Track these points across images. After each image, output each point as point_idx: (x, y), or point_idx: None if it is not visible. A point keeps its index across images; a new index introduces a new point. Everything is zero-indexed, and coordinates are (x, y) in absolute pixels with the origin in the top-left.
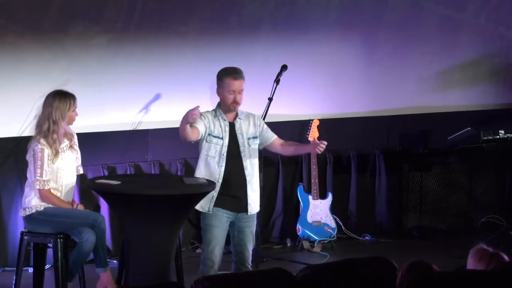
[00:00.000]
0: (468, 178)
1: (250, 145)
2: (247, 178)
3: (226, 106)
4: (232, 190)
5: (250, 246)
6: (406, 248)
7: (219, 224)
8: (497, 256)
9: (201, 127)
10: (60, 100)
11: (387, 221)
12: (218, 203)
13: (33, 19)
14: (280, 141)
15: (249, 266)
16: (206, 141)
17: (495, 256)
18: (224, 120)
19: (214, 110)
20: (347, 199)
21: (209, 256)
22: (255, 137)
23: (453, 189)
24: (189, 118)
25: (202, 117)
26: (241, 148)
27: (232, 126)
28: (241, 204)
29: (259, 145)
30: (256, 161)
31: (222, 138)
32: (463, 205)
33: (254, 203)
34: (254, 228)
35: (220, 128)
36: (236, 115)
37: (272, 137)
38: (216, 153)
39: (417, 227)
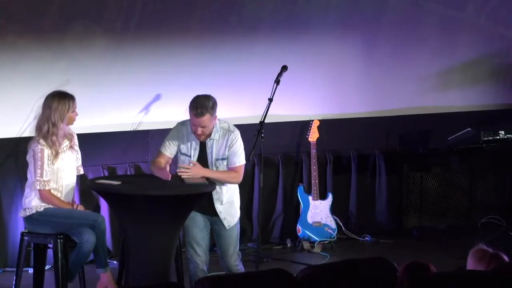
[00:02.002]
0: (468, 179)
1: (218, 167)
2: (214, 196)
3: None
4: (201, 207)
5: (229, 252)
6: (406, 249)
7: (194, 225)
8: (497, 257)
9: (168, 152)
10: (59, 101)
11: (387, 221)
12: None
13: (33, 19)
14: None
15: (235, 270)
16: (177, 158)
17: (495, 256)
18: (195, 139)
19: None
20: (347, 200)
21: (193, 258)
22: (224, 159)
23: (453, 189)
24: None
25: (176, 132)
26: (209, 164)
27: (203, 145)
28: (211, 211)
29: None
30: None
31: (190, 156)
32: (463, 205)
33: (230, 216)
34: (234, 233)
35: (190, 146)
36: (210, 134)
37: (231, 165)
38: None
39: (417, 228)
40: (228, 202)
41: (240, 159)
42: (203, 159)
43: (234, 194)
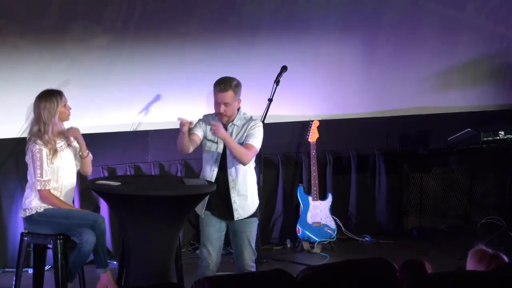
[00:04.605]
0: (468, 179)
1: None
2: (230, 184)
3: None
4: (219, 195)
5: (246, 251)
6: (406, 249)
7: (210, 224)
8: (497, 257)
9: (199, 131)
10: (46, 100)
11: (387, 221)
12: (209, 207)
13: (33, 20)
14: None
15: (250, 270)
16: (203, 144)
17: (494, 257)
18: (220, 124)
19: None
20: (347, 200)
21: (204, 256)
22: (240, 144)
23: (453, 189)
24: (181, 128)
25: (200, 121)
26: (227, 153)
27: (225, 130)
28: (226, 212)
29: None
30: (242, 167)
31: (216, 142)
32: (463, 205)
33: (241, 209)
34: (251, 234)
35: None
36: (233, 118)
37: (246, 141)
38: (210, 156)
39: (417, 228)
40: (244, 195)
41: (255, 140)
42: (223, 144)
43: (250, 190)
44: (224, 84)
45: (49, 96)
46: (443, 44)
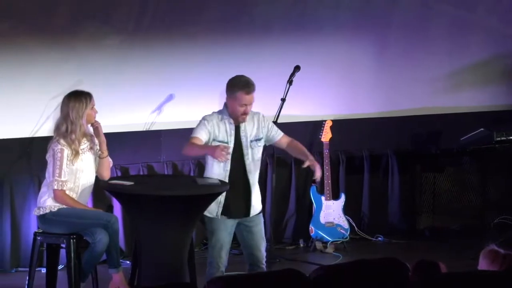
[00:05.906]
0: (481, 179)
1: (253, 148)
2: (250, 181)
3: (234, 115)
4: (236, 194)
5: (261, 246)
6: (419, 249)
7: (224, 227)
8: (509, 257)
9: (204, 137)
10: (75, 100)
11: (400, 221)
12: (224, 211)
13: (44, 20)
14: (287, 139)
15: (264, 266)
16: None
17: (507, 257)
18: (230, 123)
19: (221, 112)
20: (360, 200)
21: (215, 259)
22: (258, 139)
23: (466, 189)
24: (215, 156)
25: (206, 122)
26: (245, 151)
27: (237, 129)
28: (243, 210)
29: (265, 142)
30: (258, 163)
31: (227, 142)
32: (476, 205)
33: (257, 204)
34: (262, 226)
35: (226, 132)
36: None
37: (278, 136)
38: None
39: (430, 228)
40: (258, 190)
41: (278, 129)
42: (238, 142)
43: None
44: (253, 86)
45: (79, 96)
46: (454, 44)
